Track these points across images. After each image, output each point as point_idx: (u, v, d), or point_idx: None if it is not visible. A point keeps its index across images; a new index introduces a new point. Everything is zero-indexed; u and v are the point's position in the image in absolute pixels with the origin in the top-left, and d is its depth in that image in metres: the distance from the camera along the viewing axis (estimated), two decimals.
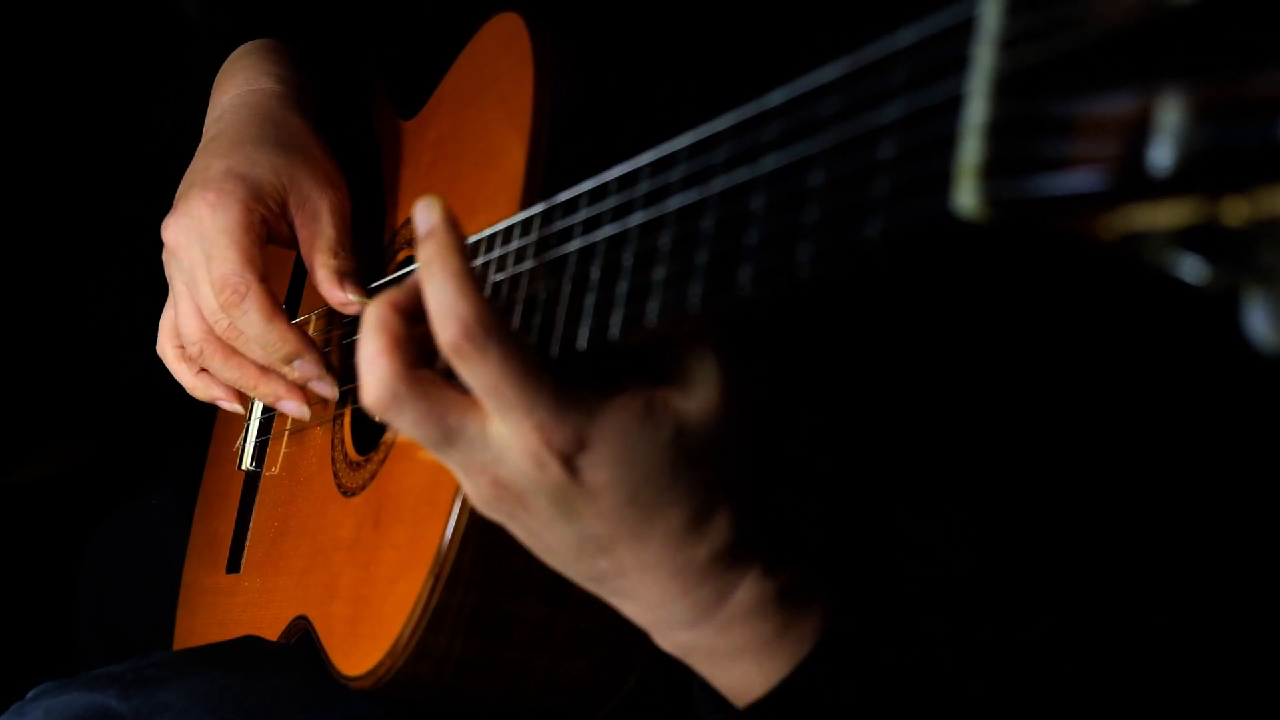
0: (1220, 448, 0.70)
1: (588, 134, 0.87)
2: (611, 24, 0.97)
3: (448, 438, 0.67)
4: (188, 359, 1.09)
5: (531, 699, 0.88)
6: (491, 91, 0.95)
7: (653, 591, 0.70)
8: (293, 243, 1.08)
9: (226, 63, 1.18)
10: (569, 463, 0.66)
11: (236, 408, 1.12)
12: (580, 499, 0.66)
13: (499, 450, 0.67)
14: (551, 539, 0.70)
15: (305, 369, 1.05)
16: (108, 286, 1.16)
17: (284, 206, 1.06)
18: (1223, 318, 0.41)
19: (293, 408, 1.07)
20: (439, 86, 1.07)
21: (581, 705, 0.89)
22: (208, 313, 1.04)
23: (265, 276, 1.02)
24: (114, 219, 1.40)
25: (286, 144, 1.07)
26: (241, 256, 1.01)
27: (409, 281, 0.71)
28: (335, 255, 1.05)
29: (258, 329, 1.02)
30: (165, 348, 1.10)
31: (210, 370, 1.07)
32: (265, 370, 1.06)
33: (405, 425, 0.68)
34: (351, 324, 1.12)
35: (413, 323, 0.69)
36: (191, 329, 1.05)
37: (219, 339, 1.05)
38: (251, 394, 1.08)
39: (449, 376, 0.68)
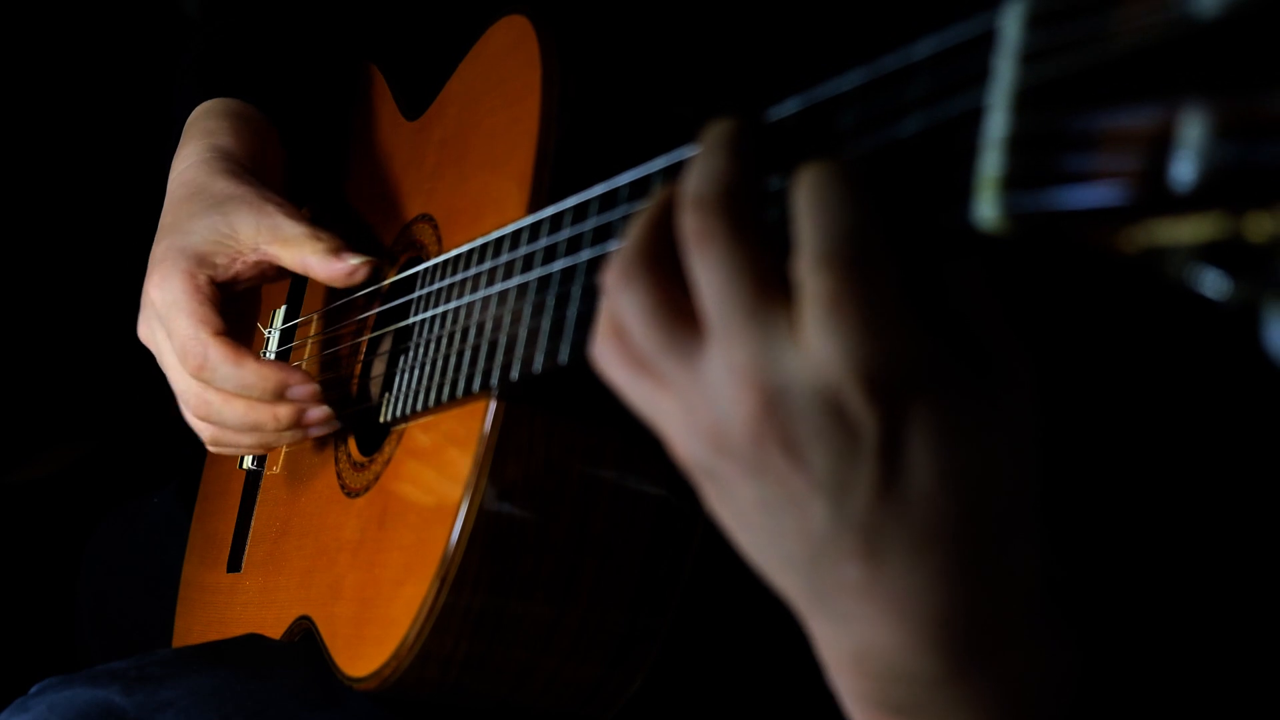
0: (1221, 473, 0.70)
1: (596, 138, 0.87)
2: (620, 27, 0.97)
3: (753, 311, 0.51)
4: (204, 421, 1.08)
5: (536, 702, 0.88)
6: (499, 94, 0.95)
7: (897, 632, 0.53)
8: (270, 271, 1.09)
9: (184, 128, 1.20)
10: (892, 415, 0.49)
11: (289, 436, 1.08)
12: (877, 483, 0.50)
13: (794, 368, 0.50)
14: (793, 520, 0.52)
15: (298, 394, 1.03)
16: (109, 286, 1.16)
17: (236, 251, 1.07)
18: (1244, 333, 0.41)
19: (319, 424, 1.05)
20: (444, 88, 1.07)
21: (587, 708, 0.89)
22: (190, 376, 1.05)
23: (221, 329, 1.04)
24: (114, 219, 1.40)
25: (217, 204, 1.09)
26: (191, 320, 1.04)
27: None
28: (318, 239, 1.05)
29: (231, 379, 1.03)
30: (195, 424, 1.10)
31: (221, 420, 1.06)
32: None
33: (631, 301, 0.54)
34: (351, 323, 1.12)
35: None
36: (187, 389, 1.06)
37: (213, 388, 1.05)
38: (272, 427, 1.05)
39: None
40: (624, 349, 0.55)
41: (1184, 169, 0.39)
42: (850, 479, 0.50)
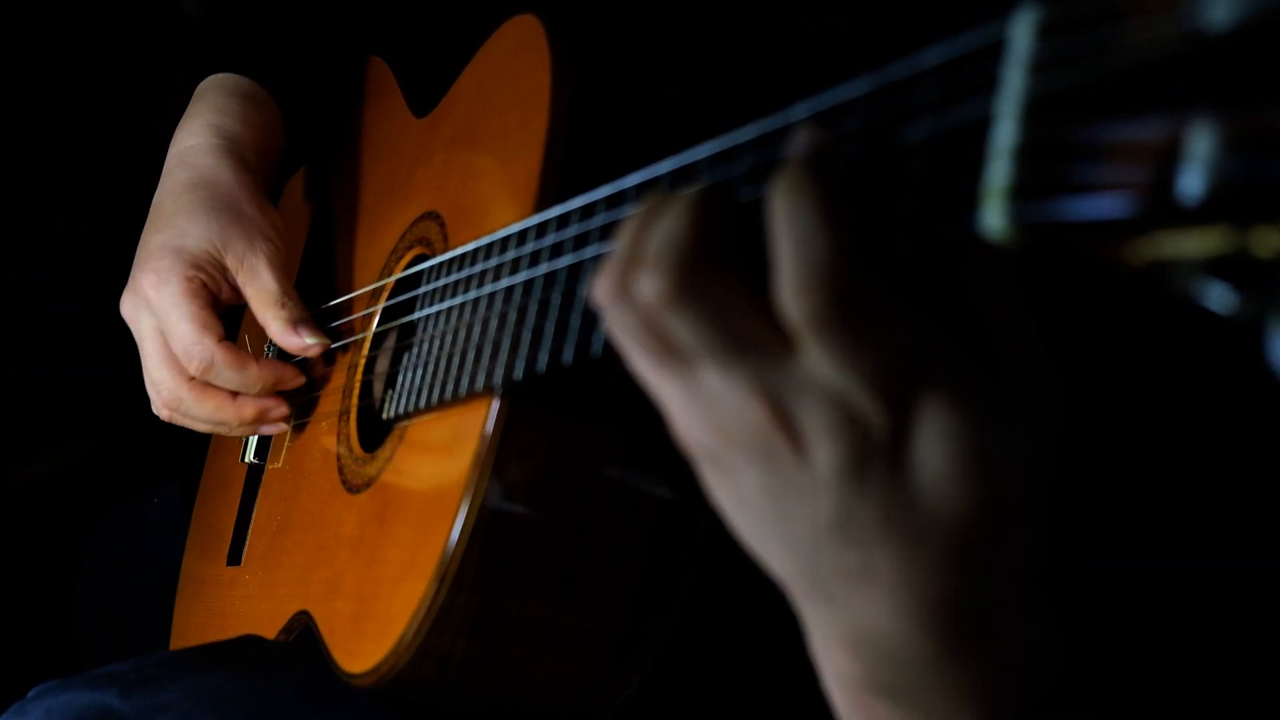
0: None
1: (605, 138, 0.87)
2: (630, 27, 0.97)
3: (744, 351, 0.52)
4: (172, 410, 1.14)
5: (533, 701, 0.88)
6: (508, 93, 0.95)
7: (892, 615, 0.54)
8: (239, 300, 1.13)
9: (194, 98, 1.23)
10: (901, 412, 0.50)
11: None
12: (884, 475, 0.51)
13: (811, 380, 0.51)
14: (799, 509, 0.53)
15: (290, 386, 1.14)
16: (108, 286, 1.17)
17: (223, 269, 1.12)
18: (1248, 347, 0.41)
19: (272, 429, 1.15)
20: (454, 85, 1.07)
21: (583, 708, 0.89)
22: (176, 372, 1.10)
23: (223, 335, 1.10)
24: (114, 219, 1.40)
25: (217, 207, 1.12)
26: (194, 325, 1.08)
27: None
28: (283, 306, 1.10)
29: (234, 382, 1.10)
30: (159, 410, 1.16)
31: (189, 412, 1.13)
32: (238, 396, 1.12)
33: (690, 321, 0.52)
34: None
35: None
36: (163, 381, 1.11)
37: (191, 381, 1.11)
38: (235, 422, 1.13)
39: None
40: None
41: (1192, 182, 0.39)
42: (859, 475, 0.51)
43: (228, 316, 1.15)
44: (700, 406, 0.53)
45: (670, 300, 0.52)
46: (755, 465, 0.53)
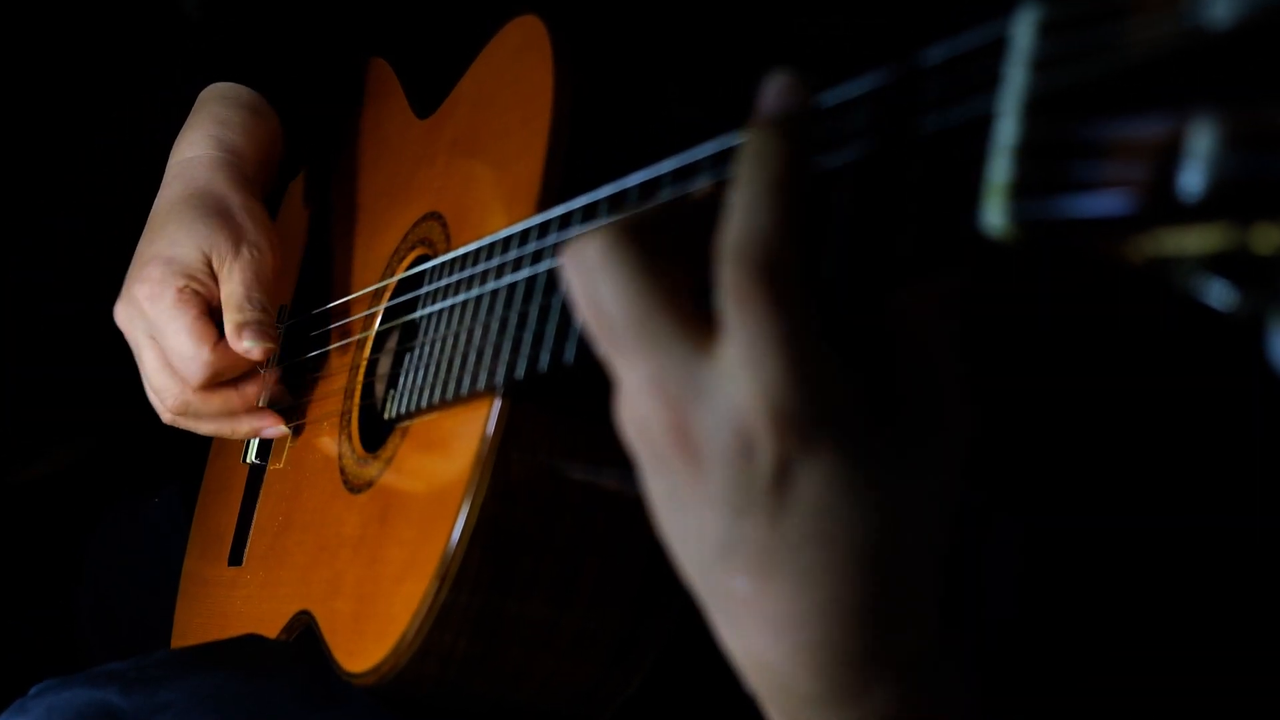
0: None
1: (607, 138, 0.88)
2: (630, 27, 0.97)
3: (658, 337, 0.52)
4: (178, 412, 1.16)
5: (534, 701, 0.88)
6: (510, 94, 0.95)
7: (776, 650, 0.54)
8: None
9: (195, 107, 1.24)
10: (788, 448, 0.50)
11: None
12: (769, 509, 0.51)
13: (713, 390, 0.51)
14: (694, 523, 0.54)
15: (282, 404, 1.17)
16: (108, 286, 1.17)
17: (214, 275, 1.13)
18: (1248, 344, 0.41)
19: (275, 431, 1.17)
20: (456, 87, 1.07)
21: (583, 708, 0.89)
22: (177, 368, 1.12)
23: (218, 340, 1.11)
24: (113, 219, 1.41)
25: (208, 214, 1.14)
26: (189, 335, 1.10)
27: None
28: (240, 310, 1.11)
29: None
30: (164, 416, 1.18)
31: (197, 413, 1.15)
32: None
33: (613, 284, 0.52)
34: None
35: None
36: (167, 387, 1.13)
37: (193, 384, 1.13)
38: (240, 419, 1.16)
39: None
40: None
41: (1192, 179, 0.39)
42: (744, 502, 0.51)
43: None
44: (624, 399, 0.54)
45: (601, 258, 0.52)
46: (659, 471, 0.54)
